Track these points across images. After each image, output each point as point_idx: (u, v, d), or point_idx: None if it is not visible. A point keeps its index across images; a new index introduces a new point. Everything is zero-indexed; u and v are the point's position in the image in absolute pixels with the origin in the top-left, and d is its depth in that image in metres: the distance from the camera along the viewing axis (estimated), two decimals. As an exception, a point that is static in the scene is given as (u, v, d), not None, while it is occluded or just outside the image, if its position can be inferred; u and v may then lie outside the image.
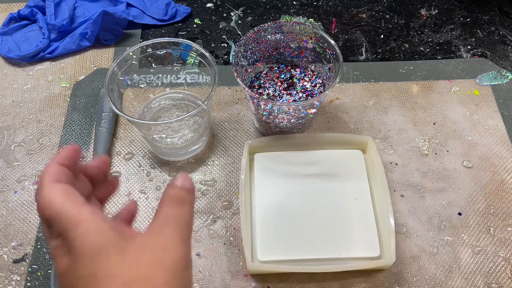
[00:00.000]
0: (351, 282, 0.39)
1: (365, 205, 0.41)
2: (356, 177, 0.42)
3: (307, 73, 0.45)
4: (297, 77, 0.45)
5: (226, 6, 0.60)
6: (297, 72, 0.46)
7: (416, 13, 0.59)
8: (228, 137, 0.47)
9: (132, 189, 0.44)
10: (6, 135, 0.47)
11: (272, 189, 0.41)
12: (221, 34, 0.56)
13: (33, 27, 0.55)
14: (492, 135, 0.48)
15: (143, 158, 0.46)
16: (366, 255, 0.38)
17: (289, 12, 0.59)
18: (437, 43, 0.56)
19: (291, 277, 0.39)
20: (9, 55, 0.52)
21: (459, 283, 0.39)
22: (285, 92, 0.44)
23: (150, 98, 0.48)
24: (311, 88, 0.44)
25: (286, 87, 0.45)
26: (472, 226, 0.42)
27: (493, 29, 0.57)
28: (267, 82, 0.45)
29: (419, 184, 0.44)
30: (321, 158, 0.43)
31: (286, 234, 0.39)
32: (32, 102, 0.50)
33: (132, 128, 0.48)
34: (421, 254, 0.40)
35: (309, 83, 0.45)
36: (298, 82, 0.45)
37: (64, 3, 0.56)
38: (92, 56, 0.54)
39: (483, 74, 0.53)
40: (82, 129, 0.48)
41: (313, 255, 0.38)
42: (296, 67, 0.46)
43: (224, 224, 0.42)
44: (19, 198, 0.43)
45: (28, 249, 0.41)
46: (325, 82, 0.44)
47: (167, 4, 0.57)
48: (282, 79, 0.45)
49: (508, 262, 0.40)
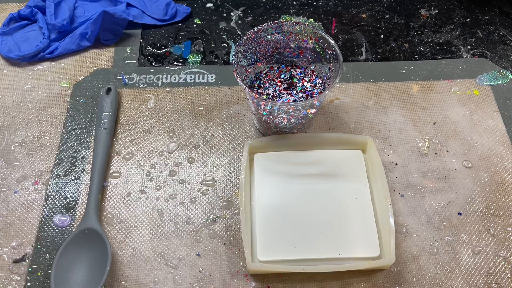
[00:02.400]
0: (351, 282, 0.39)
1: (365, 205, 0.41)
2: (356, 177, 0.42)
3: (307, 73, 0.45)
4: (297, 77, 0.45)
5: (226, 6, 0.60)
6: (297, 72, 0.46)
7: (416, 13, 0.59)
8: (228, 137, 0.47)
9: (132, 189, 0.44)
10: (6, 135, 0.48)
11: (272, 189, 0.41)
12: (221, 34, 0.56)
13: (33, 27, 0.55)
14: (492, 135, 0.48)
15: (143, 158, 0.46)
16: (366, 255, 0.38)
17: (289, 12, 0.59)
18: (437, 43, 0.56)
19: (291, 277, 0.39)
20: (9, 55, 0.52)
21: (459, 283, 0.39)
22: (285, 92, 0.44)
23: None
24: (311, 88, 0.44)
25: (286, 87, 0.45)
26: (472, 226, 0.42)
27: (493, 29, 0.57)
28: (267, 82, 0.45)
29: (419, 184, 0.44)
30: (321, 158, 0.43)
31: (286, 234, 0.39)
32: (32, 102, 0.50)
33: (132, 128, 0.48)
34: (421, 254, 0.40)
35: (309, 83, 0.45)
36: (298, 82, 0.45)
37: (64, 3, 0.56)
38: (92, 56, 0.54)
39: (483, 74, 0.53)
40: (82, 129, 0.48)
41: (313, 255, 0.38)
42: (296, 67, 0.46)
43: (224, 224, 0.42)
44: (19, 198, 0.43)
45: (28, 249, 0.41)
46: (325, 82, 0.44)
47: (167, 4, 0.57)
48: (282, 79, 0.45)
49: (508, 262, 0.40)
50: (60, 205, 0.43)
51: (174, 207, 0.43)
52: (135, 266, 0.40)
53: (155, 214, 0.42)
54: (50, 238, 0.41)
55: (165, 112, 0.49)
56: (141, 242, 0.41)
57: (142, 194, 0.44)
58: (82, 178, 0.45)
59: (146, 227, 0.42)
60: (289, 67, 0.46)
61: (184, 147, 0.47)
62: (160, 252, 0.40)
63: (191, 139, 0.47)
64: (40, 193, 0.44)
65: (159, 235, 0.41)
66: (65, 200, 0.43)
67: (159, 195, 0.44)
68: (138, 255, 0.40)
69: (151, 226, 0.42)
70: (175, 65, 0.53)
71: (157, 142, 0.47)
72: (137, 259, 0.40)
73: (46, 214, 0.42)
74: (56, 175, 0.45)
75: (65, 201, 0.43)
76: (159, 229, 0.42)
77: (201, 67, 0.53)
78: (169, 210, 0.43)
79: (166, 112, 0.49)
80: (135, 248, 0.41)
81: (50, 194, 0.43)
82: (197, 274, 0.39)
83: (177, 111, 0.49)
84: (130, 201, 0.43)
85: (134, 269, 0.40)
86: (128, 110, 0.49)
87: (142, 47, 0.55)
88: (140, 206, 0.43)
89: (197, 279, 0.39)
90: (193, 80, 0.52)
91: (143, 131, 0.48)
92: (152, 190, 0.44)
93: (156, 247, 0.41)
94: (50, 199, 0.43)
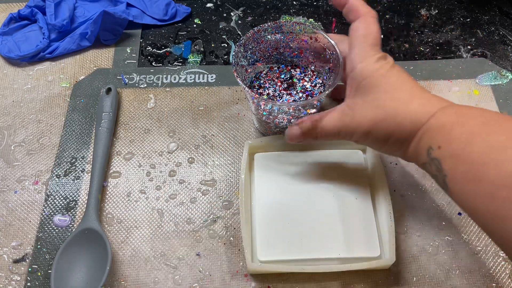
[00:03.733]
0: (351, 282, 0.39)
1: (365, 205, 0.41)
2: (356, 177, 0.42)
3: (307, 73, 0.45)
4: (297, 77, 0.45)
5: (226, 6, 0.60)
6: (297, 72, 0.46)
7: (416, 13, 0.59)
8: (228, 137, 0.47)
9: (132, 189, 0.44)
10: (6, 135, 0.48)
11: (272, 189, 0.41)
12: (221, 34, 0.56)
13: (33, 27, 0.55)
14: (492, 135, 0.47)
15: (143, 158, 0.46)
16: (366, 255, 0.38)
17: (289, 12, 0.59)
18: (437, 43, 0.56)
19: (291, 277, 0.39)
20: (9, 55, 0.52)
21: (459, 283, 0.39)
22: (285, 92, 0.44)
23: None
24: (311, 88, 0.44)
25: (286, 87, 0.45)
26: (472, 226, 0.42)
27: (493, 29, 0.57)
28: (267, 82, 0.45)
29: (419, 184, 0.44)
30: (321, 158, 0.43)
31: (286, 234, 0.39)
32: (32, 102, 0.50)
33: (132, 128, 0.48)
34: (421, 254, 0.40)
35: (309, 83, 0.45)
36: (298, 82, 0.45)
37: (64, 3, 0.56)
38: (92, 56, 0.54)
39: (483, 74, 0.53)
40: (82, 129, 0.48)
41: (313, 255, 0.38)
42: (296, 67, 0.46)
43: (224, 224, 0.42)
44: (19, 198, 0.43)
45: (28, 249, 0.41)
46: (325, 82, 0.44)
47: (167, 4, 0.57)
48: (282, 79, 0.45)
49: (508, 262, 0.40)
50: (60, 205, 0.43)
51: (174, 207, 0.43)
52: (135, 266, 0.40)
53: (155, 214, 0.42)
54: (50, 238, 0.41)
55: (165, 112, 0.49)
56: (141, 242, 0.41)
57: (142, 194, 0.44)
58: (82, 178, 0.45)
59: (146, 227, 0.42)
60: (289, 67, 0.46)
61: (184, 147, 0.47)
62: (160, 252, 0.40)
63: (191, 139, 0.47)
64: (40, 193, 0.44)
65: (159, 235, 0.41)
66: (65, 200, 0.43)
67: (159, 195, 0.44)
68: (138, 255, 0.40)
69: (151, 226, 0.42)
70: (175, 65, 0.53)
71: (157, 142, 0.47)
72: (137, 259, 0.40)
73: (46, 214, 0.42)
74: (56, 175, 0.45)
75: (65, 201, 0.43)
76: (159, 229, 0.42)
77: (201, 67, 0.53)
78: (169, 210, 0.43)
79: (166, 112, 0.49)
80: (135, 248, 0.41)
81: (50, 194, 0.44)
82: (197, 274, 0.39)
83: (177, 111, 0.49)
84: (130, 201, 0.43)
85: (134, 269, 0.40)
86: (128, 110, 0.49)
87: (142, 47, 0.55)
88: (140, 206, 0.43)
89: (197, 279, 0.39)
90: (193, 80, 0.52)
91: (143, 131, 0.48)
92: (152, 190, 0.44)
93: (156, 247, 0.41)
94: (50, 199, 0.43)
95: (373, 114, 0.33)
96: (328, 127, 0.36)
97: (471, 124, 0.29)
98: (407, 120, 0.32)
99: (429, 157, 0.30)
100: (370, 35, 0.35)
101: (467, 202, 0.28)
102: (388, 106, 0.32)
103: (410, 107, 0.32)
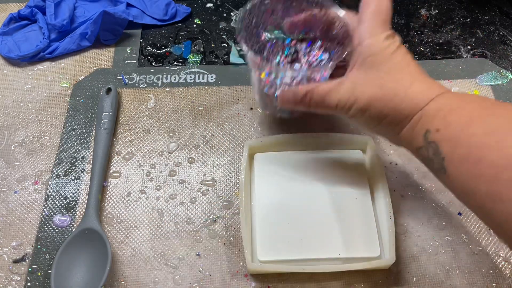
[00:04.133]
0: (351, 282, 0.39)
1: (365, 205, 0.41)
2: (356, 177, 0.42)
3: (313, 48, 0.44)
4: (303, 52, 0.44)
5: (226, 6, 0.60)
6: (303, 47, 0.44)
7: (416, 13, 0.59)
8: (228, 137, 0.47)
9: (132, 189, 0.44)
10: (6, 135, 0.48)
11: (272, 189, 0.41)
12: (221, 34, 0.56)
13: (33, 27, 0.55)
14: (492, 135, 0.47)
15: (143, 158, 0.46)
16: (366, 255, 0.38)
17: (289, 12, 0.59)
18: (437, 43, 0.56)
19: (291, 277, 0.39)
20: (9, 55, 0.52)
21: (459, 283, 0.39)
22: (289, 65, 0.43)
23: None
24: (317, 63, 0.43)
25: (291, 61, 0.44)
26: (472, 226, 0.42)
27: (493, 29, 0.57)
28: (270, 55, 0.44)
29: (419, 184, 0.44)
30: (321, 158, 0.43)
31: (286, 234, 0.39)
32: (32, 102, 0.50)
33: (132, 128, 0.48)
34: (421, 254, 0.40)
35: (315, 58, 0.43)
36: (304, 57, 0.44)
37: (64, 3, 0.56)
38: (92, 56, 0.54)
39: (483, 74, 0.53)
40: (82, 129, 0.48)
41: (313, 255, 0.38)
42: (303, 40, 0.45)
43: (224, 224, 0.42)
44: (19, 198, 0.43)
45: (28, 249, 0.41)
46: (332, 57, 0.43)
47: (167, 4, 0.57)
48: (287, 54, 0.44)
49: (508, 262, 0.40)
50: (60, 205, 0.43)
51: (174, 207, 0.43)
52: (135, 266, 0.40)
53: (155, 214, 0.42)
54: (50, 238, 0.41)
55: (165, 112, 0.49)
56: (141, 242, 0.41)
57: (142, 194, 0.44)
58: (82, 178, 0.45)
59: (146, 227, 0.42)
60: (294, 41, 0.45)
61: (184, 147, 0.47)
62: (160, 252, 0.40)
63: (191, 139, 0.47)
64: (40, 193, 0.44)
65: (159, 235, 0.41)
66: (65, 200, 0.43)
67: (159, 195, 0.44)
68: (138, 255, 0.40)
69: (151, 226, 0.42)
70: (175, 65, 0.53)
71: (157, 142, 0.47)
72: (137, 259, 0.40)
73: (46, 214, 0.42)
74: (56, 175, 0.45)
75: (65, 201, 0.43)
76: (159, 229, 0.42)
77: (201, 67, 0.53)
78: (169, 210, 0.43)
79: (166, 112, 0.49)
80: (135, 248, 0.41)
81: (50, 194, 0.43)
82: (197, 274, 0.39)
83: (177, 111, 0.49)
84: (130, 201, 0.43)
85: (134, 269, 0.40)
86: (128, 110, 0.49)
87: (142, 47, 0.55)
88: (140, 206, 0.43)
89: (197, 279, 0.39)
90: (193, 80, 0.52)
91: (143, 131, 0.48)
92: (152, 190, 0.44)
93: (156, 247, 0.41)
94: (50, 199, 0.43)
95: (373, 92, 0.33)
96: (324, 95, 0.35)
97: (470, 107, 0.29)
98: (405, 102, 0.32)
99: (426, 140, 0.30)
100: (381, 11, 0.34)
101: (466, 184, 0.28)
102: (389, 87, 0.32)
103: (410, 90, 0.32)
